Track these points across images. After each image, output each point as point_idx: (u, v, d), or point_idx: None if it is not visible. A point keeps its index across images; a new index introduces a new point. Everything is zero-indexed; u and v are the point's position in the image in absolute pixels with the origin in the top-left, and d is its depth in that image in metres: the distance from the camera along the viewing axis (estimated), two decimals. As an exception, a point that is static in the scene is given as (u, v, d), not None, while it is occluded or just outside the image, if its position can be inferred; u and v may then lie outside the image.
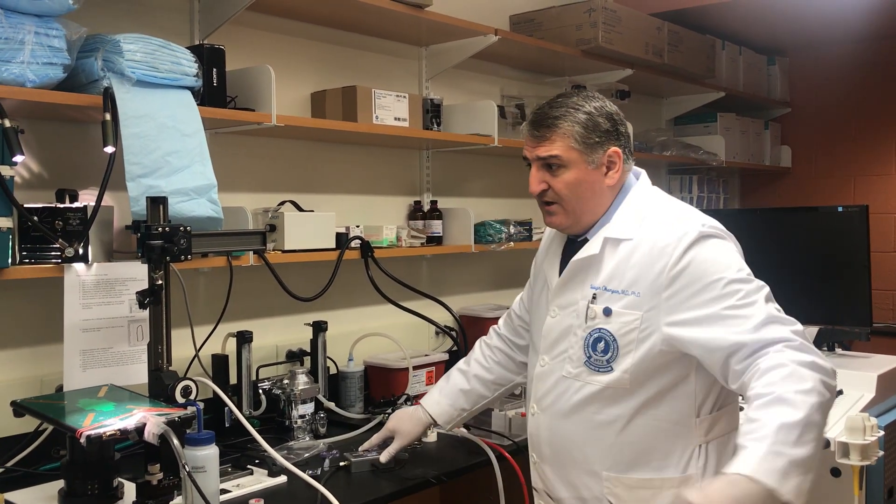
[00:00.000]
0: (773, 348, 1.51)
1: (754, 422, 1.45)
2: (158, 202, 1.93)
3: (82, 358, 2.01)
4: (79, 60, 2.00)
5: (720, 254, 1.63)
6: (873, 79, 4.80)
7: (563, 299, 1.79)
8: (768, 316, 1.55)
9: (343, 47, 2.96)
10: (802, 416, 1.42)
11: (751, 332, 1.53)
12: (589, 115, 1.72)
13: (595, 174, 1.73)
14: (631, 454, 1.69)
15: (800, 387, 1.45)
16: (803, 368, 1.47)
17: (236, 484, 1.99)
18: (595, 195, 1.75)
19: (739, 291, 1.58)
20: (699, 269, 1.61)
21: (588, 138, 1.71)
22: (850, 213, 2.77)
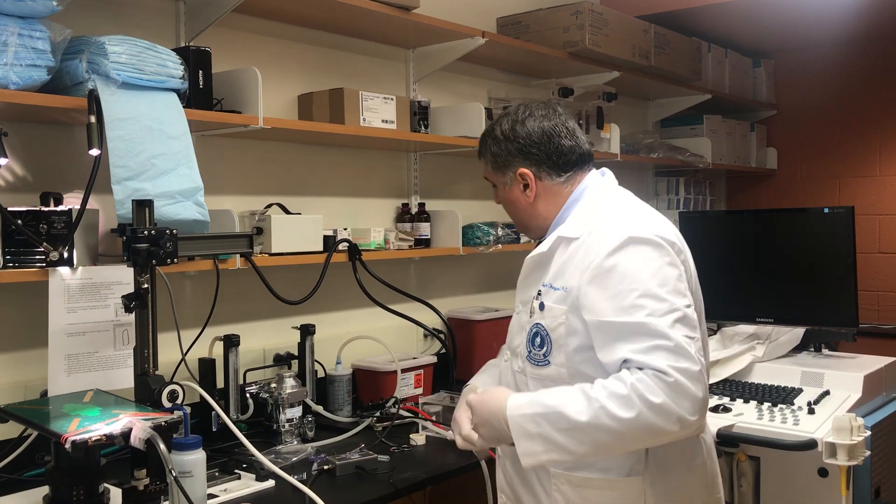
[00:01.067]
0: (644, 373, 1.49)
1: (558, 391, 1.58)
2: (144, 205, 1.91)
3: (67, 362, 1.99)
4: (63, 62, 1.98)
5: (646, 263, 1.59)
6: (858, 81, 4.83)
7: (521, 296, 1.85)
8: (661, 343, 1.50)
9: (330, 49, 2.95)
10: (585, 421, 1.50)
11: (638, 353, 1.51)
12: (496, 139, 1.83)
13: (513, 192, 1.84)
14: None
15: (617, 410, 1.48)
16: (641, 401, 1.47)
17: (224, 489, 1.97)
18: (521, 210, 1.85)
19: (646, 308, 1.54)
20: (619, 274, 1.59)
21: (495, 163, 1.85)
22: (837, 215, 2.78)
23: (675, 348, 1.50)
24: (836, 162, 4.93)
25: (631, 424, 1.47)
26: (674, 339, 1.50)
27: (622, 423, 1.48)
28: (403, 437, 2.42)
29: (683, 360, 1.49)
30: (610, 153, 3.70)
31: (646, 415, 1.47)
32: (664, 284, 1.57)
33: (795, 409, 2.46)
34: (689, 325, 1.54)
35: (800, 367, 2.69)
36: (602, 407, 1.49)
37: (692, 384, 1.48)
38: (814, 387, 2.61)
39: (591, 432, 1.50)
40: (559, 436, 1.52)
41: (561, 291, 1.69)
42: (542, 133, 1.79)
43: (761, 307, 2.92)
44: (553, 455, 1.55)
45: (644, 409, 1.47)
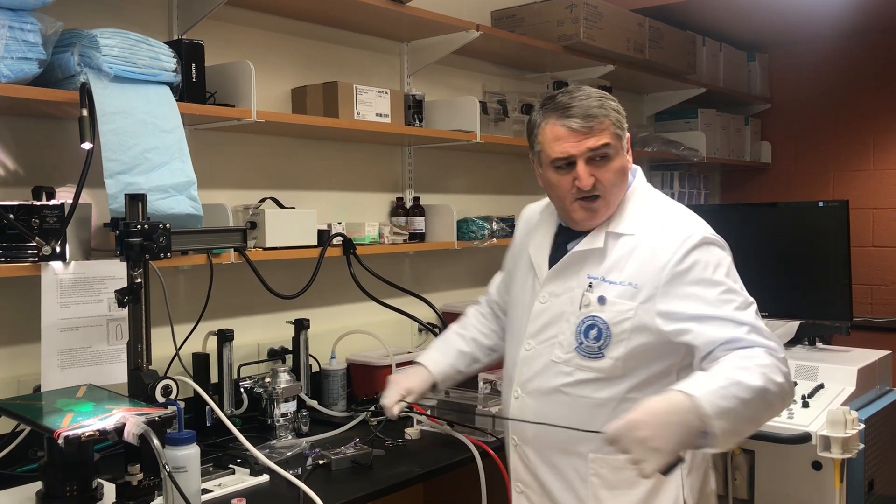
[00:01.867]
0: (760, 349, 1.58)
1: (716, 371, 1.55)
2: (137, 199, 1.90)
3: (60, 358, 1.98)
4: (55, 55, 1.97)
5: (721, 262, 1.69)
6: (852, 75, 4.84)
7: (556, 286, 1.81)
8: (758, 328, 1.62)
9: (324, 43, 2.94)
10: (760, 385, 1.51)
11: (745, 333, 1.60)
12: (610, 98, 1.77)
13: (626, 159, 1.79)
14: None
15: (771, 375, 1.54)
16: (779, 370, 1.56)
17: (218, 483, 1.97)
18: (626, 179, 1.80)
19: (734, 301, 1.64)
20: (701, 271, 1.66)
21: (619, 122, 1.76)
22: (831, 208, 2.79)
23: (767, 334, 1.61)
24: (830, 156, 4.94)
25: (782, 388, 1.55)
26: (761, 327, 1.62)
27: (779, 387, 1.54)
28: (398, 431, 2.42)
29: (773, 341, 1.60)
30: (604, 147, 3.69)
31: (784, 382, 1.56)
32: (737, 281, 1.69)
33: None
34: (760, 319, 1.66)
35: (794, 361, 2.69)
36: (758, 370, 1.53)
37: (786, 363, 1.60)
38: (808, 380, 2.61)
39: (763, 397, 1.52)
40: (741, 407, 1.49)
41: (627, 287, 1.70)
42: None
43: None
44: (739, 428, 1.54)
45: (783, 376, 1.56)
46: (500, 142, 3.22)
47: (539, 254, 1.88)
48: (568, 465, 1.78)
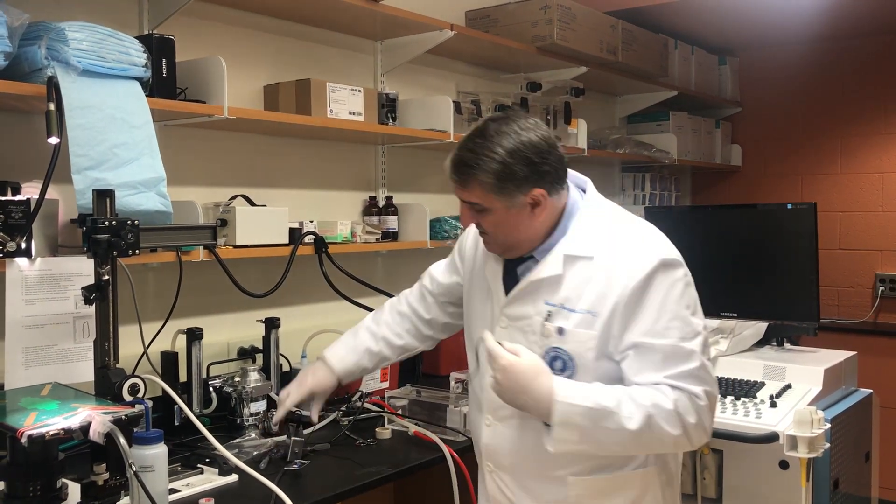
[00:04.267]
0: (681, 393, 1.59)
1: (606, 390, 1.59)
2: (105, 195, 1.88)
3: (25, 355, 1.95)
4: (21, 48, 1.93)
5: (674, 286, 1.64)
6: (820, 80, 4.91)
7: (514, 311, 1.76)
8: (693, 369, 1.60)
9: (297, 40, 2.92)
10: (634, 429, 1.56)
11: (672, 378, 1.59)
12: (503, 163, 1.62)
13: (518, 215, 1.68)
14: (593, 457, 1.70)
15: (665, 424, 1.57)
16: (682, 420, 1.58)
17: (186, 483, 1.95)
18: (524, 230, 1.71)
19: (676, 331, 1.61)
20: (652, 297, 1.62)
21: (503, 188, 1.64)
22: (799, 211, 2.82)
23: (704, 376, 1.61)
24: (798, 159, 5.00)
25: (669, 438, 1.58)
26: (702, 364, 1.61)
27: (663, 437, 1.58)
28: (369, 431, 2.41)
29: (709, 385, 1.62)
30: (577, 148, 3.72)
31: (682, 433, 1.58)
32: (689, 306, 1.65)
33: (758, 402, 2.49)
34: (708, 348, 1.66)
35: (762, 361, 2.73)
36: (650, 417, 1.56)
37: (713, 407, 1.63)
38: (776, 380, 2.64)
39: (635, 438, 1.58)
40: (600, 433, 1.58)
41: (585, 315, 1.66)
42: (546, 145, 1.66)
43: (725, 302, 2.95)
44: (583, 447, 1.61)
45: (682, 427, 1.58)
46: (474, 142, 3.21)
47: (493, 275, 1.82)
48: (546, 490, 1.75)
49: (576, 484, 1.72)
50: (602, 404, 1.57)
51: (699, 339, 1.62)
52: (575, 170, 1.80)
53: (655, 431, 1.57)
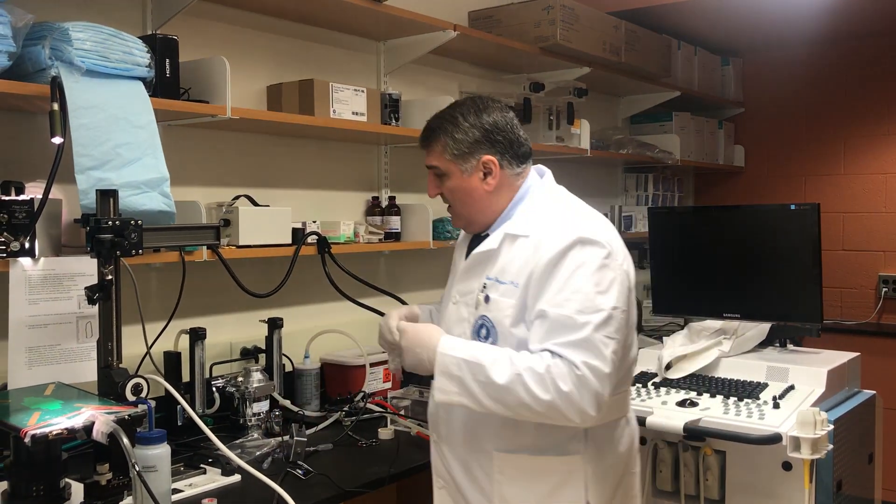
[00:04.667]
0: (560, 360, 1.63)
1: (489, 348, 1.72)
2: (108, 195, 1.88)
3: (28, 355, 1.95)
4: (25, 48, 1.93)
5: (587, 263, 1.70)
6: (824, 81, 4.90)
7: (463, 287, 1.89)
8: (582, 339, 1.64)
9: (300, 40, 2.92)
10: (501, 383, 1.64)
11: (559, 345, 1.64)
12: (460, 127, 1.82)
13: (471, 181, 1.83)
14: (518, 435, 1.77)
15: (533, 385, 1.62)
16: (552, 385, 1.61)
17: (189, 483, 1.95)
18: (477, 200, 1.85)
19: (576, 305, 1.66)
20: (563, 270, 1.69)
21: (457, 147, 1.82)
22: (802, 211, 2.81)
23: (591, 346, 1.63)
24: (802, 160, 5.00)
25: (540, 403, 1.62)
26: (592, 338, 1.64)
27: (532, 398, 1.62)
28: (372, 431, 2.41)
29: (595, 359, 1.63)
30: (580, 149, 3.71)
31: (554, 399, 1.61)
32: (599, 285, 1.69)
33: (761, 403, 2.48)
34: (612, 326, 1.67)
35: (765, 362, 2.72)
36: (520, 376, 1.63)
37: (598, 382, 1.62)
38: (779, 381, 2.64)
39: (503, 394, 1.64)
40: (475, 385, 1.66)
41: (509, 286, 1.76)
42: (505, 122, 1.85)
43: (728, 303, 2.95)
44: (462, 399, 1.69)
45: (554, 393, 1.61)
46: (477, 142, 3.21)
47: (459, 258, 1.97)
48: (475, 461, 1.83)
49: (500, 459, 1.79)
50: (477, 357, 1.67)
51: (599, 316, 1.65)
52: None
53: (523, 392, 1.62)
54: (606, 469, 1.81)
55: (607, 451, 1.82)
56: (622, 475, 1.87)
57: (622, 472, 1.87)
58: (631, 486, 1.91)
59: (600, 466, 1.80)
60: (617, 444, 1.85)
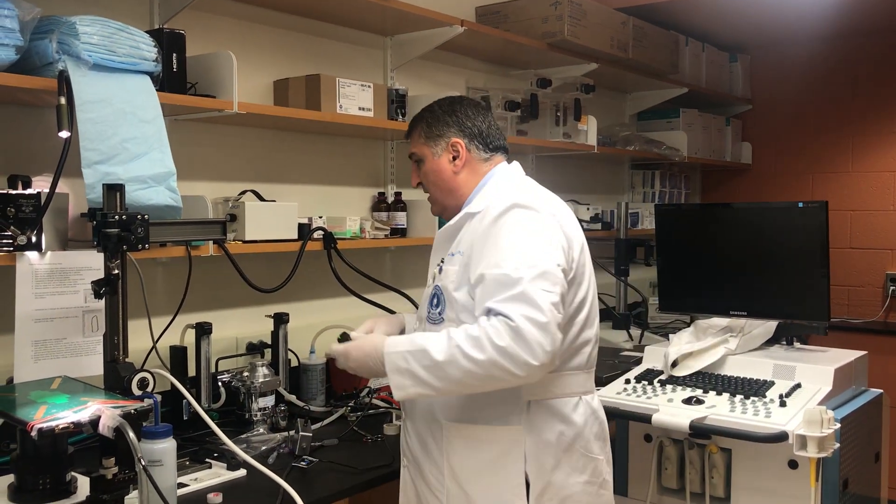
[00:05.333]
0: (497, 318, 1.65)
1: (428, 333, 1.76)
2: (115, 189, 1.88)
3: (34, 349, 1.95)
4: (32, 42, 1.93)
5: (522, 224, 1.77)
6: (832, 78, 4.88)
7: (431, 268, 1.98)
8: (518, 293, 1.66)
9: (307, 35, 2.92)
10: (442, 360, 1.67)
11: (497, 302, 1.67)
12: (431, 111, 1.98)
13: (440, 162, 1.95)
14: (466, 405, 1.82)
15: (470, 349, 1.64)
16: (489, 344, 1.63)
17: (194, 478, 1.95)
18: (445, 181, 1.96)
19: (512, 262, 1.70)
20: (498, 233, 1.76)
21: (429, 132, 1.96)
22: (810, 209, 2.80)
23: (527, 299, 1.65)
24: (809, 157, 4.98)
25: (481, 364, 1.64)
26: (528, 291, 1.66)
27: (473, 363, 1.64)
28: (377, 426, 2.41)
29: (532, 310, 1.64)
30: (587, 145, 3.70)
31: (493, 356, 1.63)
32: (535, 244, 1.74)
33: (767, 401, 2.47)
34: (549, 280, 1.70)
35: (772, 360, 2.71)
36: (458, 346, 1.66)
37: (537, 331, 1.63)
38: (785, 379, 2.62)
39: (448, 369, 1.67)
40: (423, 371, 1.69)
41: (458, 256, 1.85)
42: (476, 111, 1.98)
43: (735, 300, 2.94)
44: (419, 389, 1.72)
45: (492, 351, 1.63)
46: (483, 138, 3.21)
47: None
48: (430, 434, 1.88)
49: (449, 429, 1.84)
50: (418, 344, 1.72)
51: (534, 270, 1.68)
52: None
53: (463, 359, 1.64)
54: (547, 444, 1.82)
55: (549, 426, 1.83)
56: (567, 452, 1.84)
57: (566, 449, 1.85)
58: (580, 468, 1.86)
59: (541, 440, 1.82)
60: (564, 421, 1.84)
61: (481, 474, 1.82)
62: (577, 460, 1.87)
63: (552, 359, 1.66)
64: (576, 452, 1.87)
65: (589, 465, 1.89)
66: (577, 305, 1.86)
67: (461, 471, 1.83)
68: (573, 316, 1.85)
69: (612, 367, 3.14)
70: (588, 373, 1.93)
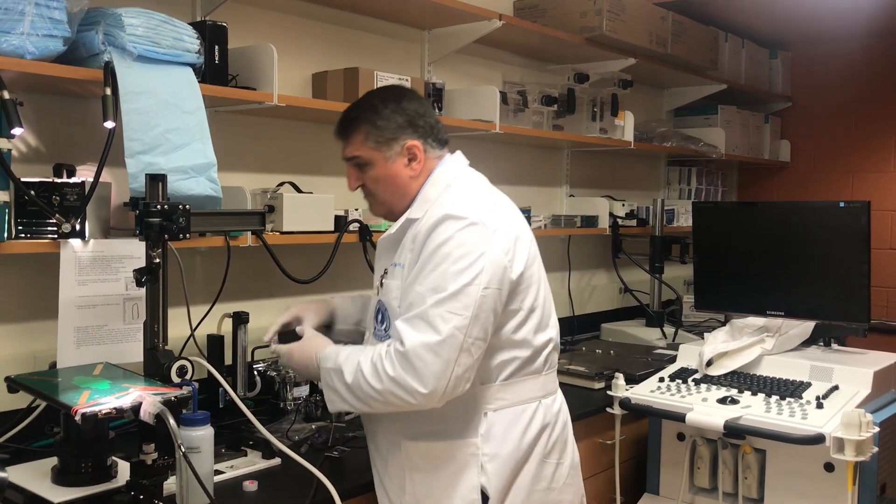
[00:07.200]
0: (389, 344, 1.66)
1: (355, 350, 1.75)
2: (157, 179, 1.90)
3: (76, 335, 1.99)
4: (79, 33, 1.97)
5: (448, 240, 1.68)
6: (874, 76, 4.79)
7: (377, 277, 1.90)
8: (419, 314, 1.65)
9: (346, 28, 2.93)
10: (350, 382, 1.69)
11: (401, 322, 1.67)
12: (375, 110, 1.82)
13: (395, 167, 1.83)
14: (424, 421, 1.76)
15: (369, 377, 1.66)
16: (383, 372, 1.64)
17: (230, 465, 1.98)
18: (401, 186, 1.85)
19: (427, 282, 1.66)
20: (426, 249, 1.70)
21: (379, 135, 1.82)
22: (852, 209, 2.76)
23: (427, 320, 1.63)
24: (849, 156, 4.90)
25: (379, 392, 1.65)
26: (430, 313, 1.63)
27: (372, 389, 1.65)
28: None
29: (428, 333, 1.62)
30: (623, 141, 3.68)
31: (387, 386, 1.64)
32: (456, 263, 1.66)
33: (804, 402, 2.45)
34: (460, 302, 1.64)
35: (809, 361, 2.68)
36: (361, 372, 1.67)
37: (428, 356, 1.61)
38: (823, 381, 2.59)
39: (357, 393, 1.69)
40: (344, 391, 1.71)
41: (399, 268, 1.78)
42: (424, 108, 1.87)
43: (772, 300, 2.91)
44: (346, 406, 1.74)
45: (386, 380, 1.63)
46: (519, 133, 3.21)
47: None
48: (392, 453, 1.82)
49: (408, 448, 1.79)
50: (339, 362, 1.72)
51: (442, 293, 1.64)
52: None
53: (365, 385, 1.65)
54: (506, 455, 1.78)
55: (508, 435, 1.78)
56: (526, 461, 1.81)
57: (525, 458, 1.81)
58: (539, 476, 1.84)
59: (499, 451, 1.77)
60: (522, 429, 1.80)
61: (439, 491, 1.76)
62: (536, 468, 1.83)
63: (446, 383, 1.62)
64: (534, 460, 1.82)
65: (548, 472, 1.85)
66: (528, 311, 1.79)
67: (421, 489, 1.78)
68: (523, 322, 1.78)
69: (646, 364, 3.12)
70: (547, 375, 1.88)
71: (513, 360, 1.79)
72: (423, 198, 1.82)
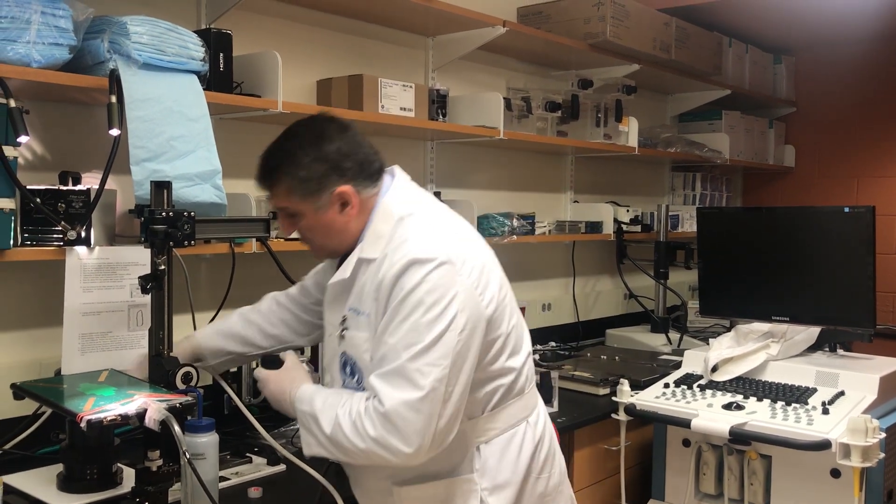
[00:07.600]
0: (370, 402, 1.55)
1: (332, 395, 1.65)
2: (162, 187, 1.91)
3: (81, 342, 2.00)
4: (85, 42, 1.98)
5: (418, 288, 1.56)
6: (880, 80, 4.79)
7: (330, 318, 1.79)
8: (395, 368, 1.54)
9: (350, 35, 2.94)
10: (328, 434, 1.59)
11: (377, 378, 1.56)
12: (293, 159, 1.65)
13: (327, 215, 1.68)
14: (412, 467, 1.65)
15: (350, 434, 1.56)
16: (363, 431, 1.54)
17: (235, 472, 1.98)
18: (339, 232, 1.71)
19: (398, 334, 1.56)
20: (393, 297, 1.58)
21: (304, 188, 1.66)
22: (857, 214, 2.75)
23: (404, 375, 1.53)
24: (854, 161, 4.89)
25: (361, 450, 1.56)
26: (406, 367, 1.53)
27: (354, 446, 1.56)
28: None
29: (407, 390, 1.52)
30: (627, 146, 3.68)
31: (369, 445, 1.54)
32: (429, 311, 1.55)
33: (809, 408, 2.44)
34: (437, 353, 1.54)
35: (814, 367, 2.67)
36: (340, 427, 1.57)
37: (410, 414, 1.52)
38: (828, 387, 2.59)
39: (336, 444, 1.59)
40: (322, 438, 1.61)
41: (363, 317, 1.66)
42: (349, 145, 1.68)
43: (777, 305, 2.90)
44: (322, 451, 1.63)
45: (368, 440, 1.54)
46: (523, 139, 3.21)
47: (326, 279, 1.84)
48: (380, 499, 1.75)
49: (400, 493, 1.70)
50: (314, 409, 1.63)
51: (418, 347, 1.54)
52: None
53: (345, 440, 1.56)
54: (504, 483, 1.73)
55: (500, 465, 1.73)
56: (523, 483, 1.76)
57: (523, 480, 1.76)
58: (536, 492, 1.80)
59: (497, 481, 1.72)
60: (515, 453, 1.75)
61: None
62: (532, 486, 1.79)
63: (431, 439, 1.54)
64: (531, 480, 1.78)
65: (541, 487, 1.82)
66: (505, 336, 1.71)
67: None
68: (501, 349, 1.70)
69: (651, 370, 3.12)
70: (527, 394, 1.80)
71: (497, 388, 1.72)
72: (375, 234, 1.69)
